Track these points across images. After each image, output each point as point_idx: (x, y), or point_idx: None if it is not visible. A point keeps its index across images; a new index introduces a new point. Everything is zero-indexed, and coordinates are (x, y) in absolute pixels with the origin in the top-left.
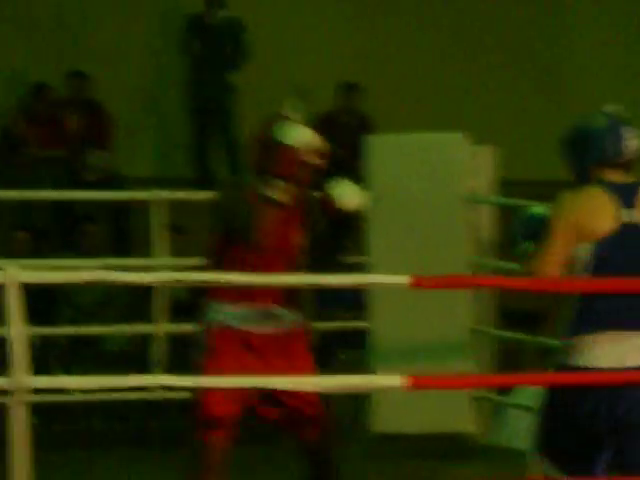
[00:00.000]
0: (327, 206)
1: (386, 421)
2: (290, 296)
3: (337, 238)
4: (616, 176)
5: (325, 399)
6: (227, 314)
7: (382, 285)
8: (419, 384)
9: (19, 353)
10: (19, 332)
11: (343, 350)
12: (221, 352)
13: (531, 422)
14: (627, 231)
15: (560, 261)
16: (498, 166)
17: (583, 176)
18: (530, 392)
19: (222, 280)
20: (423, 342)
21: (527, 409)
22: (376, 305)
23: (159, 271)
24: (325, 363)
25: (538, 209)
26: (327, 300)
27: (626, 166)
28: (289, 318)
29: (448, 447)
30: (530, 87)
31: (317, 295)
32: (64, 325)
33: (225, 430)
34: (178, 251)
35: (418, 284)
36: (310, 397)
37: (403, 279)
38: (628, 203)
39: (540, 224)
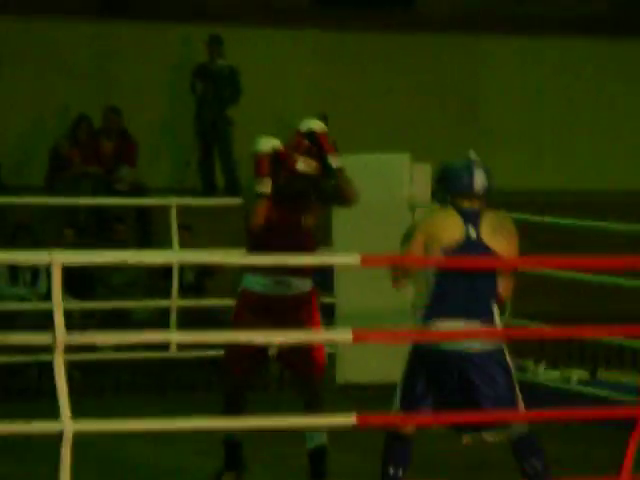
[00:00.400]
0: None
1: (347, 374)
2: (300, 267)
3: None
4: (468, 204)
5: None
6: (254, 281)
7: (341, 264)
8: (360, 337)
9: (59, 318)
10: (59, 301)
11: None
12: (242, 311)
13: None
14: (469, 243)
15: (419, 251)
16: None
17: (445, 203)
18: None
19: (212, 260)
20: (375, 312)
21: None
22: (340, 283)
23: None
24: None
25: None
26: None
27: (476, 197)
28: (303, 284)
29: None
30: (456, 118)
31: None
32: (100, 301)
33: (242, 372)
34: (188, 245)
35: (366, 262)
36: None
37: (356, 258)
38: (473, 223)
39: None
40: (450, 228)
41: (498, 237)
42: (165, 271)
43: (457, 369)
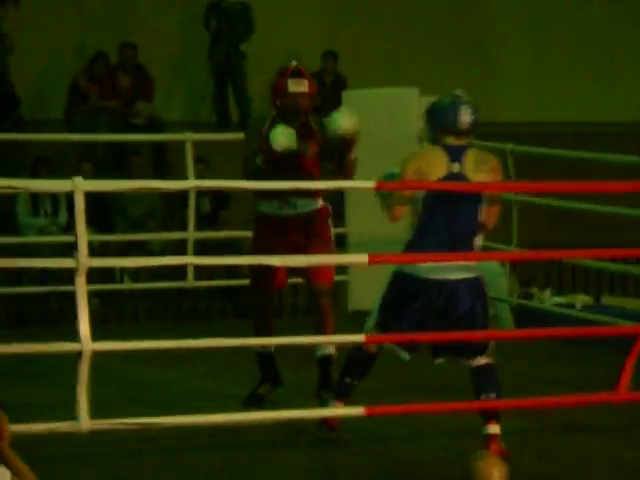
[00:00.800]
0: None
1: (358, 301)
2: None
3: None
4: (454, 141)
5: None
6: (265, 205)
7: (355, 187)
8: (375, 260)
9: (82, 241)
10: (82, 227)
11: None
12: (258, 232)
13: None
14: (453, 177)
15: (407, 196)
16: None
17: (434, 140)
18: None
19: (229, 186)
20: (386, 241)
21: None
22: (351, 212)
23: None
24: None
25: (396, 169)
26: None
27: (463, 133)
28: (309, 204)
29: None
30: (463, 52)
31: None
32: (118, 233)
33: (268, 287)
34: (203, 177)
35: (379, 187)
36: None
37: (370, 184)
38: (457, 159)
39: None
40: (435, 163)
41: (480, 172)
42: (181, 202)
43: (440, 296)
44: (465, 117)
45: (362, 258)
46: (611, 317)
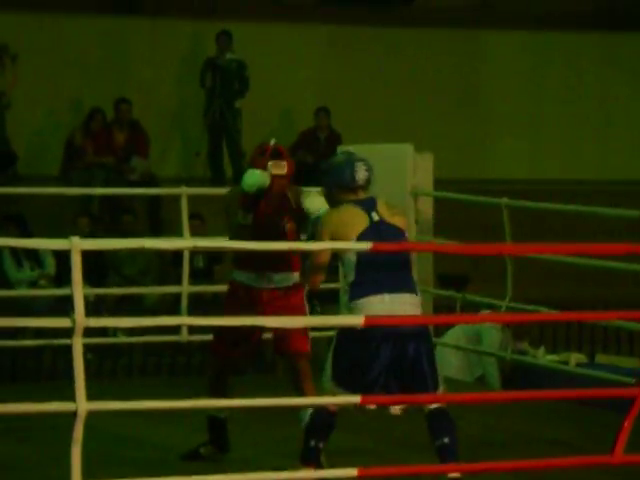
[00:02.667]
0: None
1: None
2: (284, 263)
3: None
4: (354, 197)
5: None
6: (241, 275)
7: (352, 249)
8: (370, 323)
9: (79, 301)
10: (79, 286)
11: (319, 304)
12: (230, 300)
13: (457, 357)
14: (375, 225)
15: (327, 253)
16: (434, 168)
17: (330, 197)
18: (456, 334)
19: (224, 246)
20: None
21: (454, 347)
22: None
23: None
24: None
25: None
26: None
27: (360, 189)
28: (286, 279)
29: None
30: (457, 109)
31: None
32: (113, 288)
33: (229, 353)
34: (199, 233)
35: (376, 248)
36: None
37: (367, 245)
38: (371, 209)
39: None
40: (354, 218)
41: (394, 216)
42: (175, 259)
43: (391, 348)
44: (361, 174)
45: (357, 320)
46: (606, 374)
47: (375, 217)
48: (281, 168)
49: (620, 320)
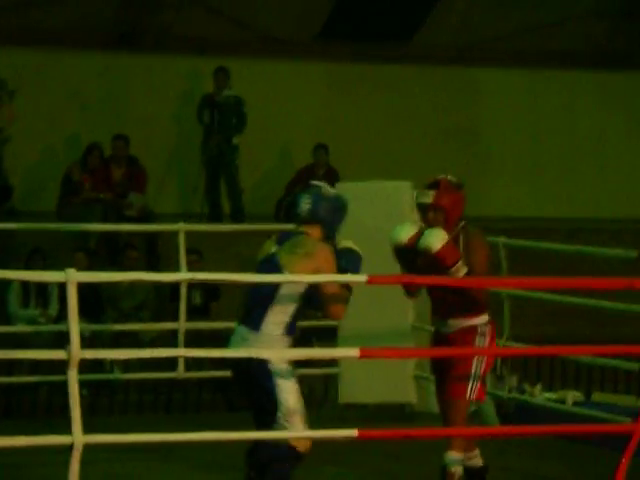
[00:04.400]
0: None
1: (349, 394)
2: None
3: None
4: (295, 227)
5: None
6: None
7: (349, 281)
8: (366, 354)
9: (75, 333)
10: (75, 319)
11: (318, 341)
12: None
13: None
14: (266, 258)
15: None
16: None
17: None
18: None
19: (223, 279)
20: (377, 334)
21: None
22: None
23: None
24: None
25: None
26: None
27: (301, 220)
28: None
29: (396, 413)
30: (456, 147)
31: None
32: (110, 323)
33: None
34: (196, 269)
35: (372, 281)
36: None
37: (363, 277)
38: (280, 243)
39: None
40: (266, 247)
41: (292, 256)
42: (172, 295)
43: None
44: (302, 205)
45: (353, 352)
46: (603, 412)
47: (272, 249)
48: None
49: (617, 359)
